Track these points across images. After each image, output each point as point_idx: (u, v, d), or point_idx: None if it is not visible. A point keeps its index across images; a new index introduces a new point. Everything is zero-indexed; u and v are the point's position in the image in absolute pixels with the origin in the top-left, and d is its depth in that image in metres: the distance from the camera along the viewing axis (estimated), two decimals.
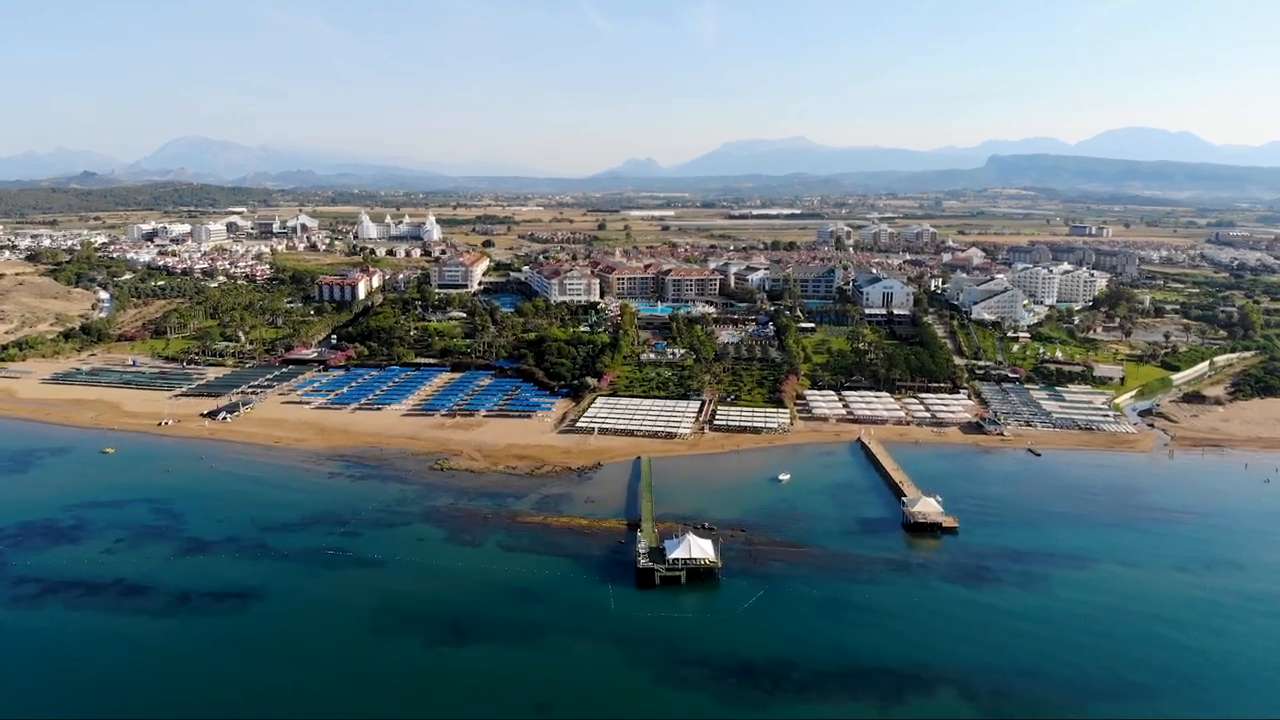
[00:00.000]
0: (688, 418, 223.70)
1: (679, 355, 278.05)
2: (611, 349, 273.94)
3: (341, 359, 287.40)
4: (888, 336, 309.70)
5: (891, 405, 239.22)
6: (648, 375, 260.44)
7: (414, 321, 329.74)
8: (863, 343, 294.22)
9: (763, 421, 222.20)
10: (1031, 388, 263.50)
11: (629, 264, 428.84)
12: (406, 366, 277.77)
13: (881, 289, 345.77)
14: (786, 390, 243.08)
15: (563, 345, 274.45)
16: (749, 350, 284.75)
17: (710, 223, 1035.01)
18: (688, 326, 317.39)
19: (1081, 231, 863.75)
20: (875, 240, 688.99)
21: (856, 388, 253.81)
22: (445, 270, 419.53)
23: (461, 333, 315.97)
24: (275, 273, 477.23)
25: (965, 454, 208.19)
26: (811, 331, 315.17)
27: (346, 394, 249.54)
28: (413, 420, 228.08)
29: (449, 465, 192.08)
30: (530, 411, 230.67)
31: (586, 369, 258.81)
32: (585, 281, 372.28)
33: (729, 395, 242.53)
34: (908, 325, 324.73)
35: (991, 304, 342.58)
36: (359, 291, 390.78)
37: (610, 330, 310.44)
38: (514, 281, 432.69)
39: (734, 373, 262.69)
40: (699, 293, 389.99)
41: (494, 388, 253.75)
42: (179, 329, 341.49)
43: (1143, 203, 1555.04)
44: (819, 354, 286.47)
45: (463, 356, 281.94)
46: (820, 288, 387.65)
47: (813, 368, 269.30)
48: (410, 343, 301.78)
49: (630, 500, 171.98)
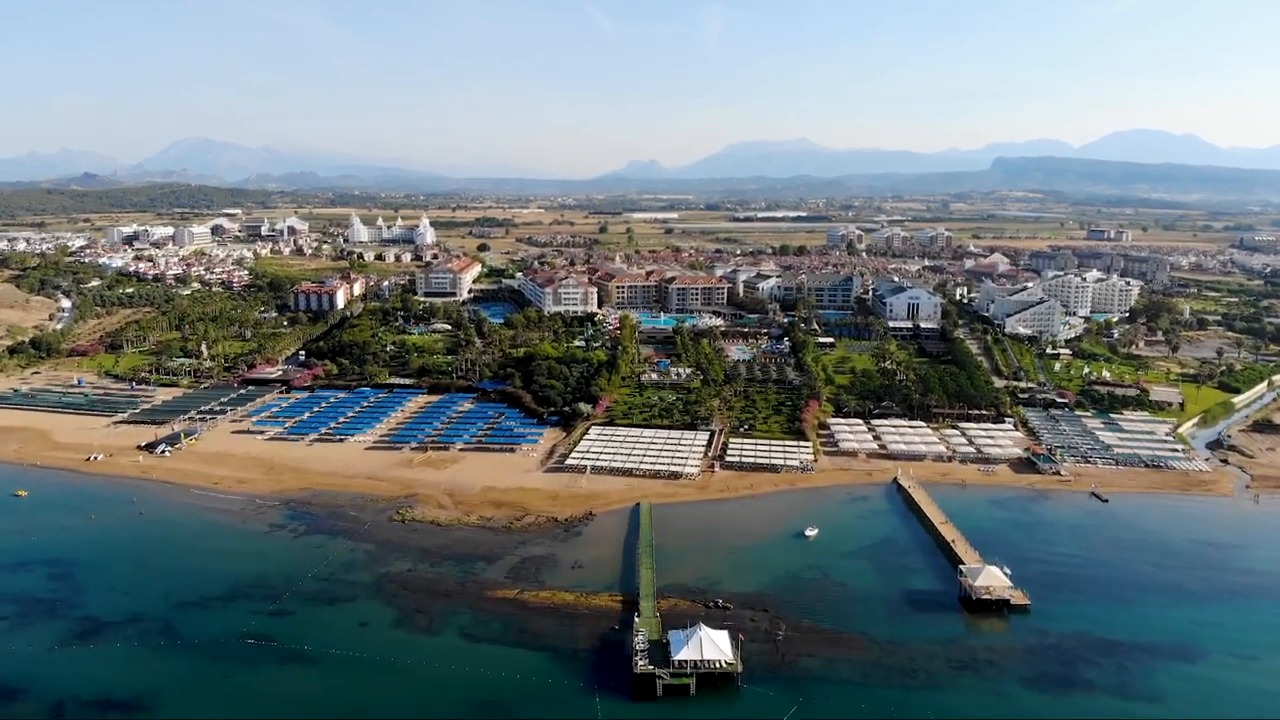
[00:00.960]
0: (695, 453, 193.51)
1: (684, 376, 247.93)
2: (608, 369, 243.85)
3: (308, 378, 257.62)
4: (916, 354, 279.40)
5: (929, 437, 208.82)
6: (649, 400, 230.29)
7: (392, 335, 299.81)
8: (890, 361, 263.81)
9: (782, 457, 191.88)
10: (1083, 414, 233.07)
11: (630, 271, 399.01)
12: (379, 388, 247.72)
13: (907, 300, 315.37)
14: (807, 419, 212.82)
15: (554, 365, 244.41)
16: (762, 370, 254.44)
17: (715, 225, 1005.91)
18: (693, 341, 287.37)
19: (1100, 236, 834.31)
20: (888, 244, 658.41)
21: (887, 415, 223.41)
22: (432, 277, 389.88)
23: (444, 348, 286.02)
24: (254, 279, 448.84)
25: (1020, 499, 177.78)
26: (831, 347, 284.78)
27: (306, 421, 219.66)
28: (377, 455, 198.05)
29: (412, 515, 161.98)
30: (513, 445, 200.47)
31: (580, 393, 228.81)
32: (582, 290, 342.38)
33: (742, 424, 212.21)
34: (936, 340, 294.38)
35: (1027, 316, 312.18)
36: (337, 300, 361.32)
37: (608, 346, 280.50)
38: (506, 289, 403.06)
39: (746, 397, 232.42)
40: (705, 302, 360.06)
41: (474, 414, 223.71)
42: (136, 342, 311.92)
43: (1152, 205, 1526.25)
44: (841, 374, 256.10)
45: (442, 376, 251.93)
46: (837, 297, 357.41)
47: (835, 391, 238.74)
48: (386, 359, 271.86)
49: (627, 564, 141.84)
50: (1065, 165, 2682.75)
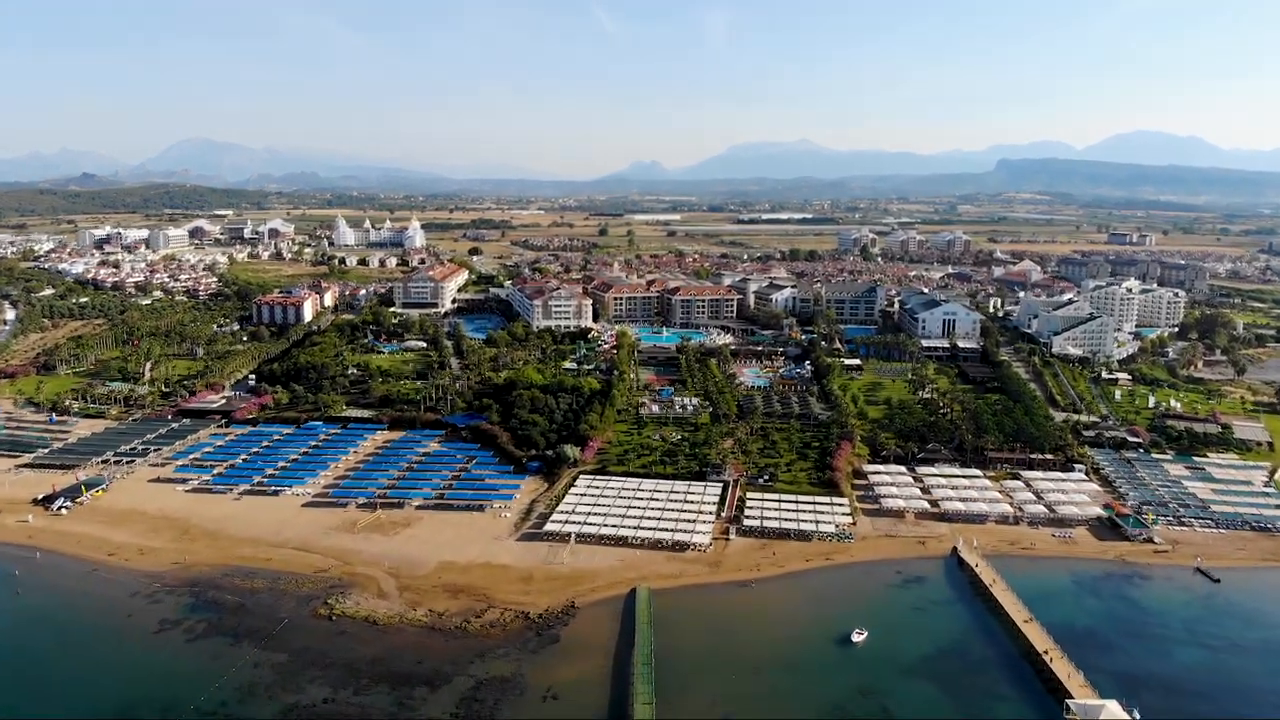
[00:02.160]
0: (705, 514, 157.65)
1: (690, 408, 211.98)
2: (602, 400, 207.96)
3: (253, 409, 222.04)
4: (957, 379, 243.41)
5: (988, 491, 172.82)
6: (649, 439, 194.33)
7: (354, 356, 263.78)
8: (929, 389, 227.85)
9: (813, 519, 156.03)
10: (1160, 457, 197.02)
11: (629, 280, 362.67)
12: (333, 422, 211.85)
13: (942, 315, 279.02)
14: (840, 465, 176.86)
15: (537, 395, 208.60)
16: (782, 400, 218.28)
17: (718, 228, 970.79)
18: (700, 363, 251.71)
19: (1122, 240, 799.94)
20: (904, 248, 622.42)
21: (934, 460, 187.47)
22: (411, 286, 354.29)
23: (415, 370, 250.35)
24: (222, 287, 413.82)
25: (1112, 580, 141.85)
26: (858, 370, 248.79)
27: (240, 467, 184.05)
28: (316, 515, 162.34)
29: (342, 608, 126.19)
30: (483, 501, 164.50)
31: (567, 430, 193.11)
32: (575, 303, 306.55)
33: (761, 473, 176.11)
34: (977, 362, 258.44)
35: (1077, 334, 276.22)
36: (304, 313, 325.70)
37: (602, 369, 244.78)
38: (494, 299, 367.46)
39: (764, 435, 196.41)
40: (713, 315, 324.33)
41: (440, 458, 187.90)
42: (73, 362, 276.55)
43: (1162, 208, 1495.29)
44: (873, 404, 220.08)
45: (407, 408, 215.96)
46: (859, 310, 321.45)
47: (869, 428, 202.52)
48: (345, 385, 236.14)
49: (618, 689, 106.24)
50: (1070, 167, 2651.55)
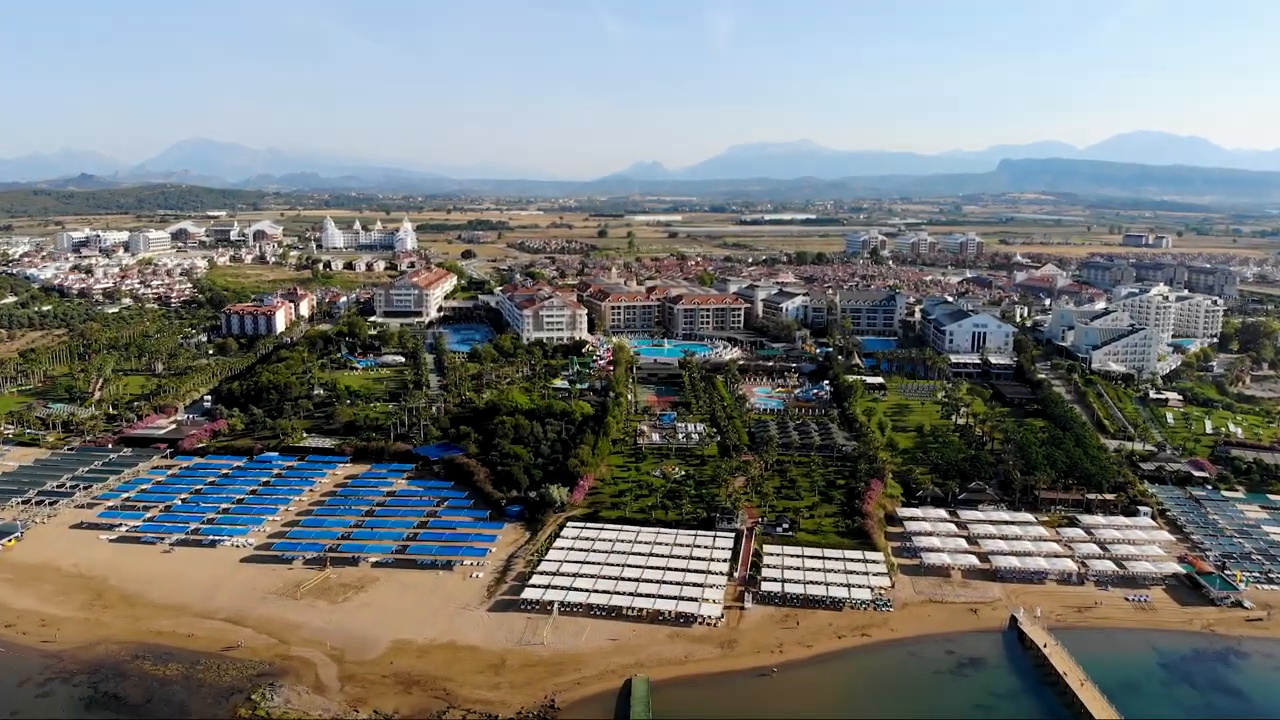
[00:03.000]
0: (715, 574, 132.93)
1: (695, 436, 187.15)
2: (595, 428, 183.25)
3: (203, 436, 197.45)
4: (993, 401, 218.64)
5: (1043, 540, 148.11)
6: (648, 476, 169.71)
7: (322, 374, 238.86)
8: (963, 413, 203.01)
9: (843, 582, 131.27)
10: (1232, 495, 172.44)
11: (627, 288, 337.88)
12: (290, 452, 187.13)
13: (972, 328, 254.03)
14: (871, 509, 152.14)
15: (522, 421, 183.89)
16: (800, 427, 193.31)
17: (721, 229, 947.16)
18: (706, 382, 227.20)
19: (1137, 241, 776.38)
20: (915, 251, 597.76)
21: (976, 499, 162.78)
22: (393, 294, 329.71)
23: (388, 391, 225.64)
24: (197, 293, 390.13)
25: (1202, 659, 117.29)
26: (882, 390, 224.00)
27: (178, 509, 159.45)
28: (255, 573, 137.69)
29: (267, 709, 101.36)
30: (452, 557, 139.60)
31: (554, 465, 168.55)
32: (568, 313, 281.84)
33: (780, 520, 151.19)
34: (1012, 380, 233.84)
35: (1118, 348, 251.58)
36: (277, 323, 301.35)
37: (596, 389, 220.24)
38: (483, 307, 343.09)
39: (781, 470, 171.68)
40: (718, 326, 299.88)
41: (406, 499, 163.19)
42: (19, 379, 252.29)
43: (1169, 208, 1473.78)
44: (902, 431, 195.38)
45: (374, 436, 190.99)
46: (878, 320, 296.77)
47: (901, 462, 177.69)
48: (309, 409, 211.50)
49: None
50: (1072, 167, 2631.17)
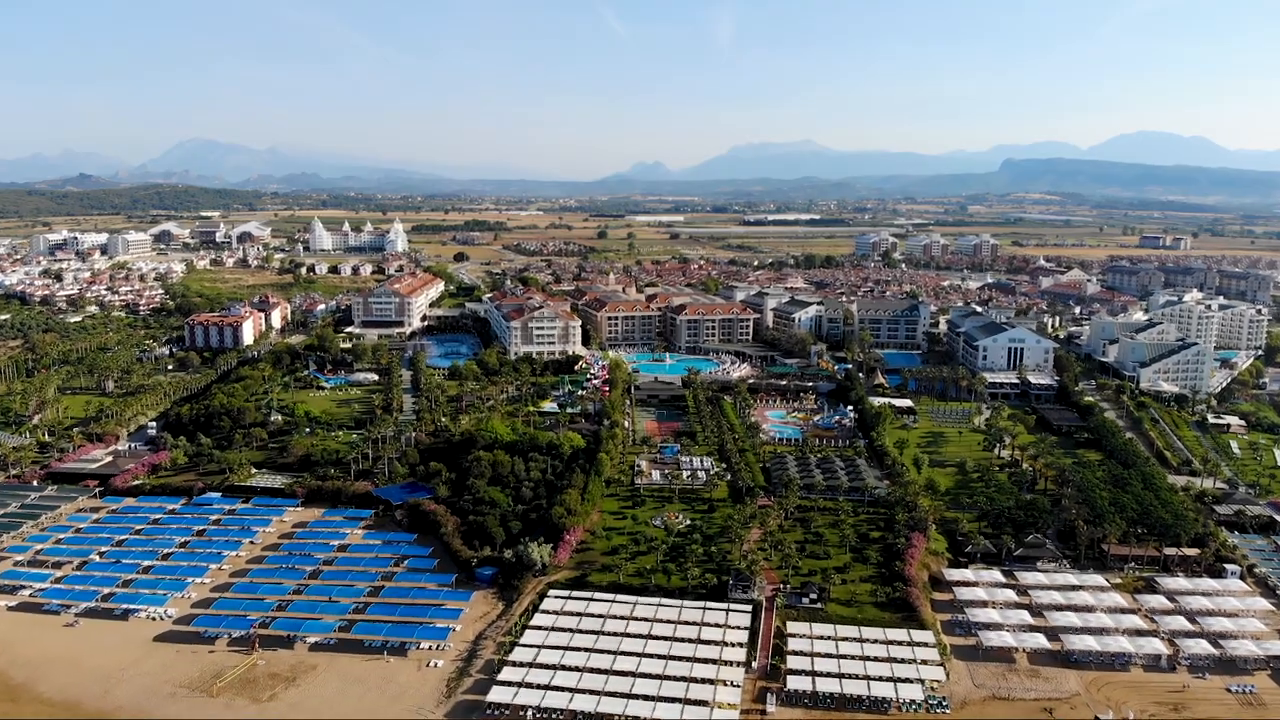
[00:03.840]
0: (729, 664, 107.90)
1: (702, 474, 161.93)
2: (586, 465, 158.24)
3: (141, 471, 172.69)
4: (1037, 428, 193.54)
5: (1121, 611, 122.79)
6: (646, 527, 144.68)
7: (283, 395, 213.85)
8: (1007, 444, 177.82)
9: (887, 672, 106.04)
10: None
11: (625, 297, 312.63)
12: (235, 494, 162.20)
13: (1007, 343, 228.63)
14: (914, 572, 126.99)
15: (501, 458, 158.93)
16: (822, 462, 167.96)
17: (724, 230, 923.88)
18: (712, 405, 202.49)
19: (1154, 243, 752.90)
20: (927, 253, 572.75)
21: (1034, 555, 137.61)
22: (372, 302, 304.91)
23: (354, 416, 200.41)
24: (167, 300, 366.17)
25: None
26: (911, 415, 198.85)
27: (90, 568, 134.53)
28: (169, 656, 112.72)
29: None
30: (406, 639, 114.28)
31: (537, 512, 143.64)
32: (560, 325, 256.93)
33: (807, 588, 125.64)
34: (1055, 403, 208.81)
35: (1169, 366, 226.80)
36: (243, 335, 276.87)
37: (590, 413, 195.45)
38: (470, 316, 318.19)
39: (803, 519, 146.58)
40: (725, 338, 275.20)
41: (361, 556, 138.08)
42: None
43: (1176, 209, 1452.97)
44: (939, 466, 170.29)
45: (332, 473, 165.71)
46: (899, 331, 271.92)
47: (942, 505, 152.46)
48: (264, 438, 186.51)
49: None
50: (1076, 167, 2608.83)
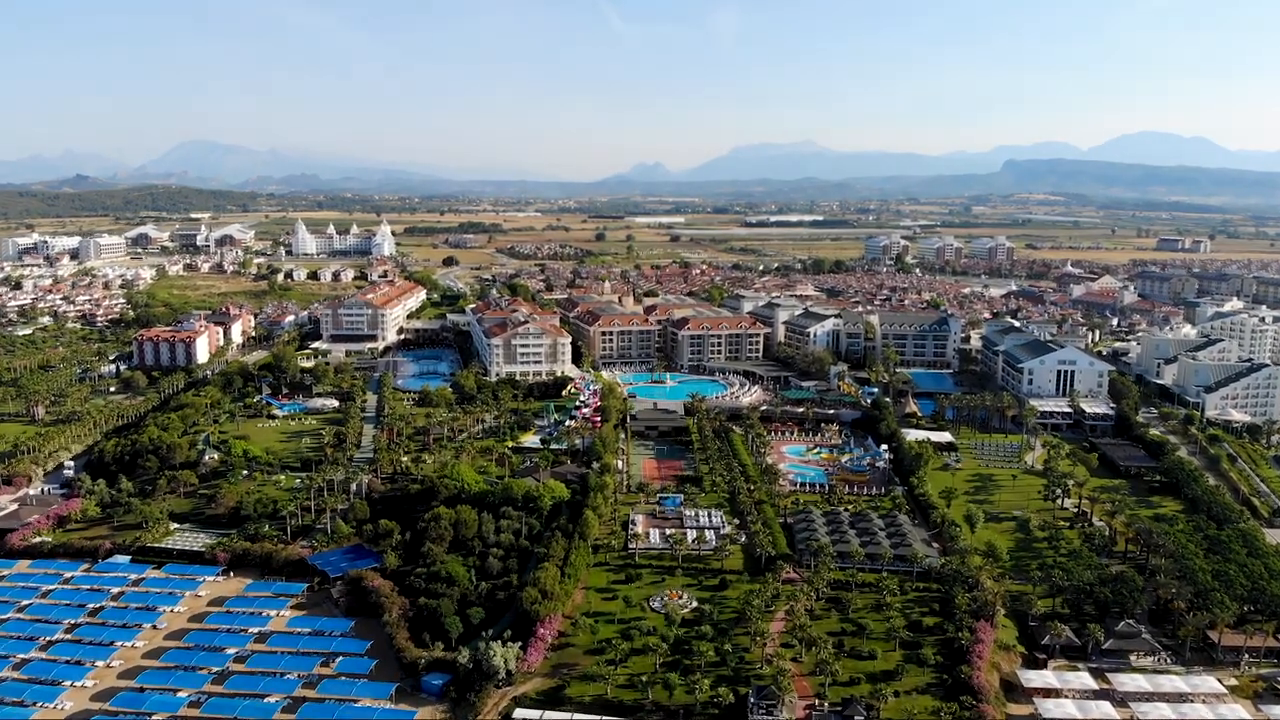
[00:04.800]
0: None
1: (711, 535, 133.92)
2: (569, 525, 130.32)
3: (45, 525, 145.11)
4: (1100, 468, 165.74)
5: None
6: (641, 612, 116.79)
7: (227, 427, 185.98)
8: (1070, 490, 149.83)
9: None
10: None
11: (622, 309, 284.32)
12: (147, 557, 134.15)
13: (1056, 365, 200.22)
14: (983, 679, 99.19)
15: (466, 516, 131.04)
16: (857, 520, 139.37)
17: (726, 232, 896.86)
18: (721, 439, 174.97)
19: (1173, 246, 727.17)
20: (940, 257, 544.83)
21: (1127, 645, 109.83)
22: (342, 315, 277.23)
23: (300, 455, 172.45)
24: (129, 310, 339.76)
25: None
26: (953, 452, 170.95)
27: None
28: None
29: None
30: None
31: (506, 591, 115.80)
32: (547, 343, 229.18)
33: (848, 706, 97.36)
34: (1116, 437, 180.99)
35: (1237, 391, 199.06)
36: (197, 352, 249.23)
37: (579, 448, 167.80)
38: (451, 329, 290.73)
39: (838, 601, 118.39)
40: (732, 355, 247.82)
41: (276, 657, 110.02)
42: None
43: (1182, 209, 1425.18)
44: (993, 522, 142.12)
45: (262, 533, 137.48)
46: (927, 348, 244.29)
47: (1003, 575, 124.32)
48: (194, 483, 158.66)
49: None
50: (1078, 168, 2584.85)
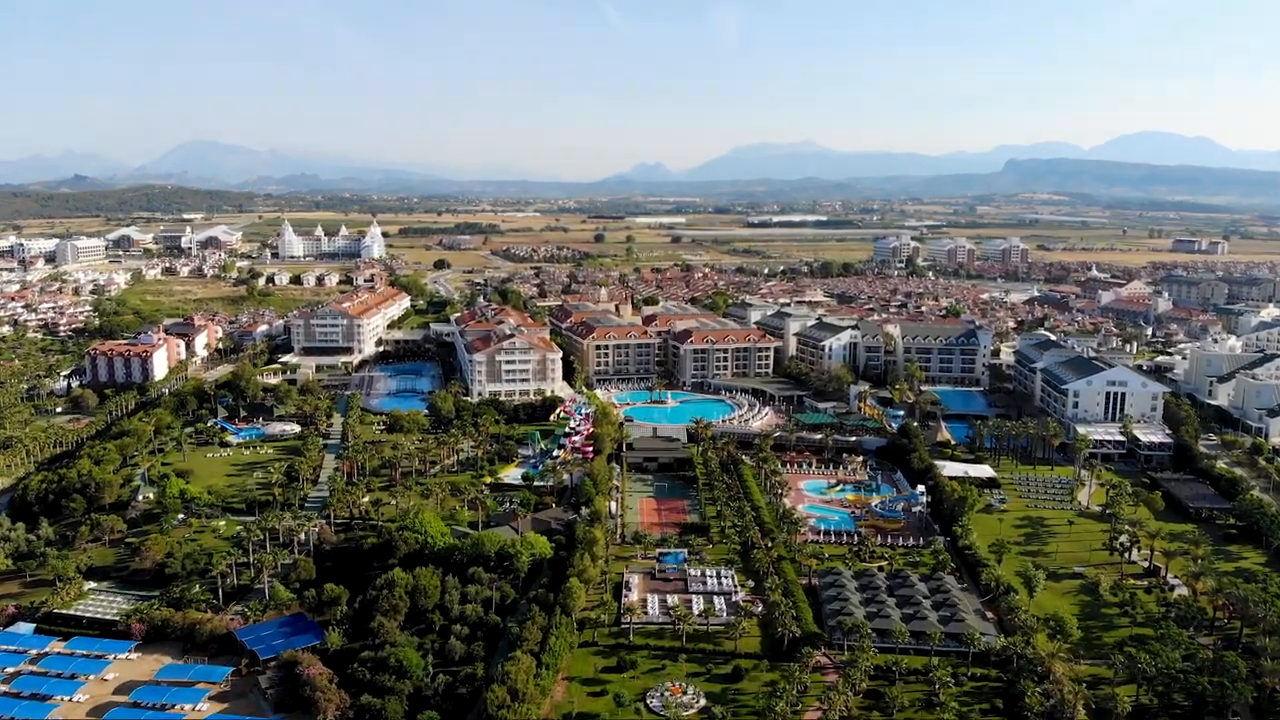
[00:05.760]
0: None
1: (721, 604, 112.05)
2: (550, 594, 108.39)
3: None
4: (1166, 510, 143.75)
5: None
6: (635, 709, 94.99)
7: (173, 458, 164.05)
8: (1141, 542, 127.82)
9: None
10: None
11: (619, 318, 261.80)
12: (52, 628, 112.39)
13: (1105, 386, 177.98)
14: None
15: (427, 582, 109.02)
16: (896, 584, 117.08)
17: (728, 232, 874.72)
18: (729, 475, 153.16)
19: (1190, 247, 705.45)
20: (953, 259, 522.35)
21: None
22: (315, 325, 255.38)
23: (248, 495, 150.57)
24: (95, 317, 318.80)
25: None
26: (996, 490, 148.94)
27: None
28: None
29: None
30: None
31: (469, 685, 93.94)
32: (536, 359, 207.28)
33: None
34: (1177, 471, 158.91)
35: None
36: (155, 367, 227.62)
37: (562, 492, 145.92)
38: (434, 340, 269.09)
39: (877, 695, 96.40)
40: (739, 370, 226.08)
41: None
42: None
43: (1184, 209, 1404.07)
44: (1053, 580, 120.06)
45: (188, 597, 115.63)
46: (954, 363, 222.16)
47: (1072, 656, 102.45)
48: (121, 531, 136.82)
49: None
50: (1079, 167, 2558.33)
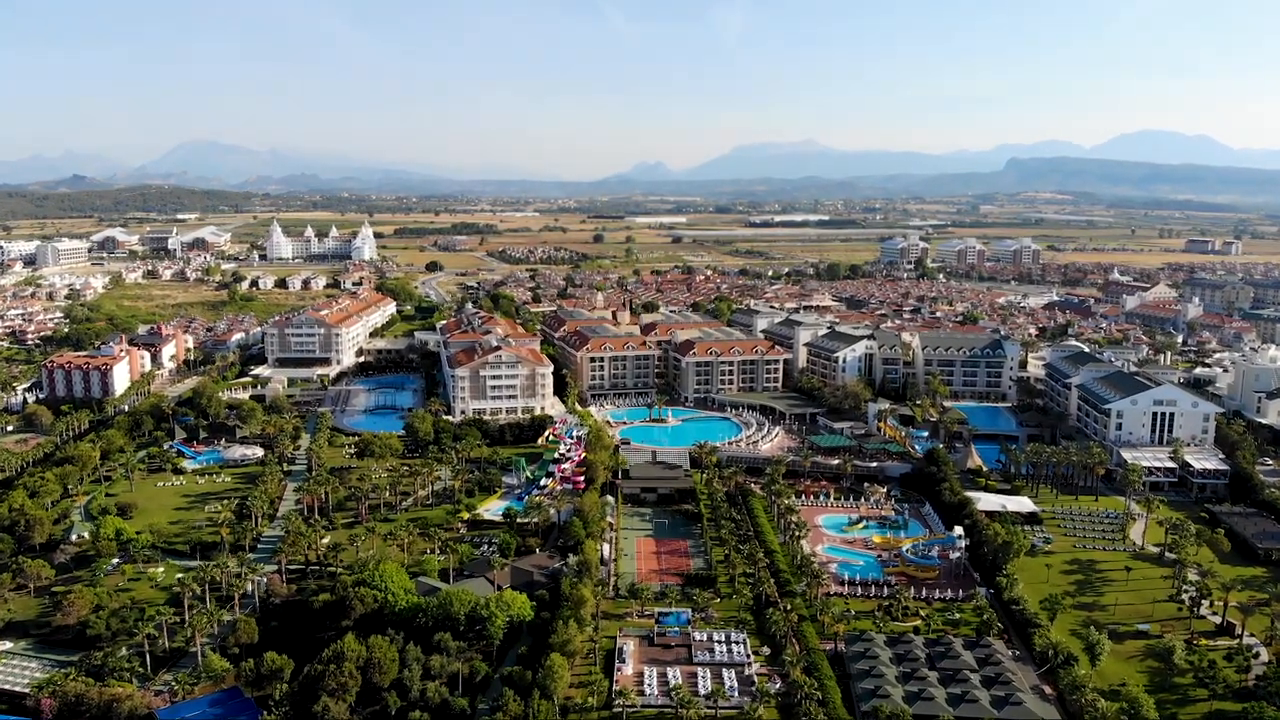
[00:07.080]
0: None
1: (732, 679, 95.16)
2: (525, 680, 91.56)
3: None
4: (1232, 552, 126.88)
5: None
6: None
7: (118, 487, 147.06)
8: (1213, 595, 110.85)
9: None
10: None
11: (616, 328, 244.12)
12: None
13: (1151, 406, 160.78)
14: None
15: (383, 654, 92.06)
16: (938, 653, 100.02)
17: (729, 232, 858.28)
18: (738, 508, 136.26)
19: (1203, 247, 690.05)
20: (964, 260, 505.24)
21: None
22: (290, 335, 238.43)
23: (193, 535, 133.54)
24: (65, 324, 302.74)
25: None
26: (1039, 528, 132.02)
27: None
28: None
29: None
30: None
31: None
32: (524, 373, 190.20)
33: None
34: (1228, 497, 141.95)
35: None
36: (115, 382, 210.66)
37: (548, 530, 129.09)
38: (418, 350, 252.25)
39: None
40: (746, 384, 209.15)
41: None
42: None
43: (1188, 208, 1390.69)
44: (1115, 642, 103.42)
45: (110, 663, 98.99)
46: (979, 376, 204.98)
47: None
48: (49, 577, 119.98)
49: None
50: (1081, 166, 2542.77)
